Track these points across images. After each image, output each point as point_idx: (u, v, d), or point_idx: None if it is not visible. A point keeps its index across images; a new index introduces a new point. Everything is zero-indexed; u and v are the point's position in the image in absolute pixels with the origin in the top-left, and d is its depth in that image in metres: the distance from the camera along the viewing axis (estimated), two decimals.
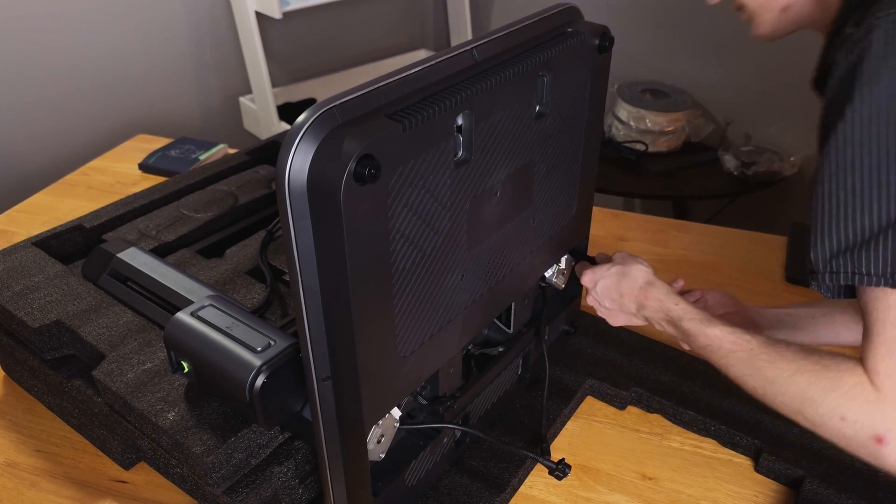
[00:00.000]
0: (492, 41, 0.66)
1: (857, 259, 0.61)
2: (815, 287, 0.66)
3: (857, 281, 0.61)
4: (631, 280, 0.82)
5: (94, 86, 1.89)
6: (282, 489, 0.73)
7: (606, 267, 0.85)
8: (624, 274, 0.83)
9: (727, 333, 0.72)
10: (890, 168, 0.58)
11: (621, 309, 0.84)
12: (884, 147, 0.59)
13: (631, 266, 0.83)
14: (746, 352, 0.69)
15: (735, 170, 1.97)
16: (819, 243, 0.63)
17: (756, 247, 1.24)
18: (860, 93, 0.59)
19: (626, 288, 0.82)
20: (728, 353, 0.71)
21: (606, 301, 0.85)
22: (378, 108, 0.55)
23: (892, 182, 0.58)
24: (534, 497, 0.82)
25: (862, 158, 0.60)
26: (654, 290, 0.80)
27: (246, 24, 2.00)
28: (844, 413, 0.62)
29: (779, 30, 0.81)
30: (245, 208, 1.08)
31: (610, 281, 0.83)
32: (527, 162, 0.72)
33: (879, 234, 0.59)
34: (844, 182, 0.61)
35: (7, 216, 1.36)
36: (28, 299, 0.85)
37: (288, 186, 0.51)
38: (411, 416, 0.77)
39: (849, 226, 0.61)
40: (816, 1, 0.76)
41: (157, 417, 0.71)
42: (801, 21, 0.79)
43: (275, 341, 0.68)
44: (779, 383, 0.66)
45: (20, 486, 0.83)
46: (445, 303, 0.67)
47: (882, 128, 0.58)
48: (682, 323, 0.75)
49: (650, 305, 0.80)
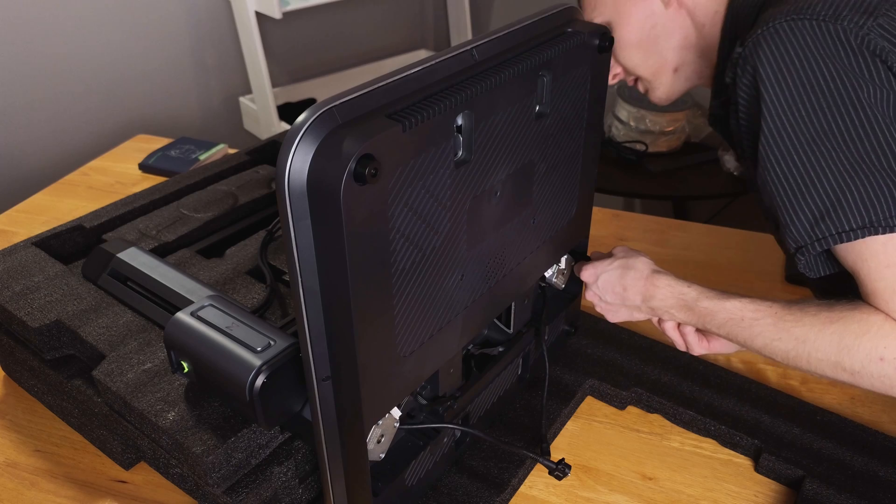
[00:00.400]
0: (492, 41, 0.66)
1: (834, 220, 0.66)
2: (803, 266, 0.70)
3: (843, 239, 0.65)
4: (635, 272, 0.81)
5: (94, 86, 1.89)
6: (282, 489, 0.73)
7: (608, 261, 0.85)
8: (628, 266, 0.82)
9: (746, 303, 0.72)
10: (825, 137, 0.66)
11: (623, 303, 0.83)
12: (809, 122, 0.67)
13: (634, 258, 0.83)
14: (770, 316, 0.70)
15: (735, 170, 1.97)
16: (795, 222, 0.68)
17: (756, 247, 1.24)
18: (769, 90, 0.69)
19: (630, 280, 0.82)
20: (752, 322, 0.71)
21: (608, 295, 0.84)
22: (378, 108, 0.55)
23: (831, 147, 0.66)
24: (534, 497, 0.82)
25: (798, 137, 0.68)
26: (662, 277, 0.80)
27: (246, 24, 2.00)
28: (882, 353, 0.64)
29: (674, 91, 0.93)
30: (245, 208, 1.08)
31: (613, 274, 0.83)
32: (527, 162, 0.72)
33: (841, 192, 0.65)
34: (792, 161, 0.68)
35: (7, 216, 1.36)
36: (28, 299, 0.85)
37: (288, 186, 0.51)
38: (411, 416, 0.77)
39: (813, 195, 0.67)
40: (699, 55, 0.88)
41: (157, 417, 0.71)
42: (692, 77, 0.91)
43: (275, 341, 0.68)
44: (811, 339, 0.67)
45: (20, 486, 0.83)
46: (445, 303, 0.67)
47: (801, 107, 0.67)
48: (699, 303, 0.75)
49: (659, 294, 0.79)
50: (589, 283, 0.86)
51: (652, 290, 0.80)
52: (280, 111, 2.15)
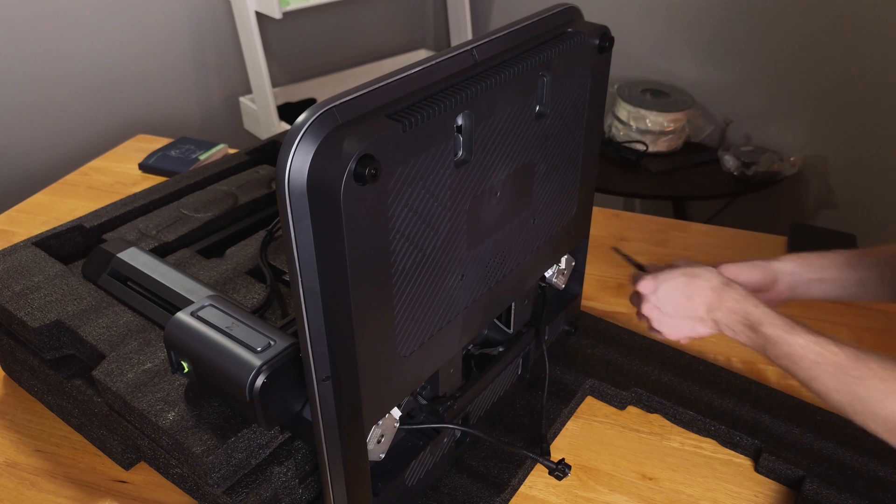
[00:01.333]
0: (492, 41, 0.66)
1: None
2: None
3: None
4: (703, 280, 0.77)
5: (94, 86, 1.89)
6: (282, 489, 0.73)
7: (670, 271, 0.80)
8: (694, 275, 0.78)
9: (812, 343, 0.67)
10: None
11: (687, 314, 0.78)
12: None
13: (700, 268, 0.78)
14: (833, 365, 0.65)
15: (735, 170, 1.97)
16: None
17: (756, 247, 1.24)
18: None
19: (696, 289, 0.77)
20: (813, 364, 0.66)
21: (670, 307, 0.79)
22: (378, 108, 0.55)
23: None
24: (534, 497, 0.82)
25: None
26: (731, 290, 0.75)
27: (246, 24, 2.00)
28: None
29: None
30: (245, 208, 1.08)
31: (677, 282, 0.78)
32: (527, 162, 0.72)
33: None
34: None
35: (7, 216, 1.36)
36: (28, 299, 0.85)
37: (288, 186, 0.51)
38: (411, 416, 0.77)
39: None
40: None
41: (157, 417, 0.71)
42: None
43: (275, 341, 0.68)
44: (871, 403, 0.63)
45: (20, 486, 0.83)
46: (445, 303, 0.67)
47: None
48: (762, 328, 0.71)
49: (726, 306, 0.74)
50: (647, 293, 0.80)
51: (718, 303, 0.75)
52: (280, 111, 2.15)
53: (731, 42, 2.09)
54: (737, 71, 2.11)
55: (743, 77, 2.10)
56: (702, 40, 2.13)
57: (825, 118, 2.01)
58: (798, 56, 1.99)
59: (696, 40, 2.14)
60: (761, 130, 2.12)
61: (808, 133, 2.05)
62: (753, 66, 2.07)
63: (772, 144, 2.08)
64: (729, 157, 1.99)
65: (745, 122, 2.14)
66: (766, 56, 2.04)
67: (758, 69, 2.07)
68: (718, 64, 2.13)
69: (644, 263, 0.89)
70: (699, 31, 2.13)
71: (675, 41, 2.18)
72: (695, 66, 2.17)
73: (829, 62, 1.94)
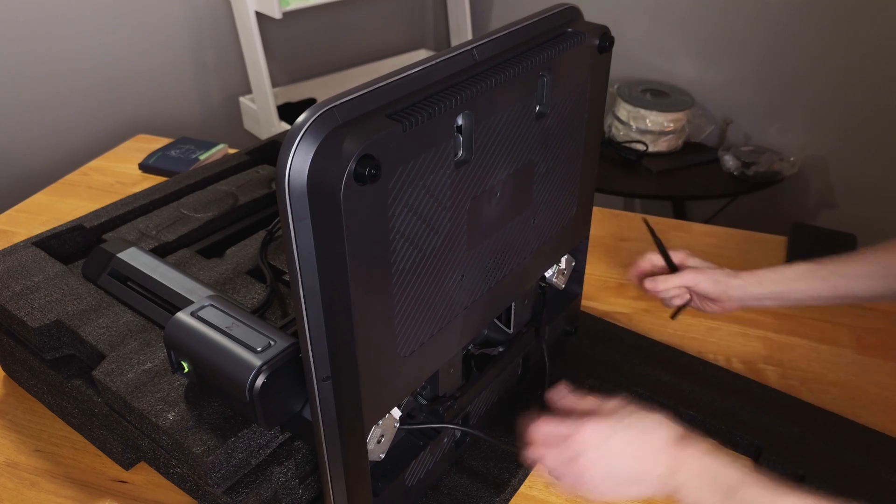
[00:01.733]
0: (492, 41, 0.66)
1: None
2: None
3: None
4: (656, 435, 0.63)
5: (94, 86, 1.89)
6: (282, 489, 0.73)
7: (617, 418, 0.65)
8: (643, 428, 0.64)
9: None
10: None
11: (628, 479, 0.63)
12: None
13: (646, 418, 0.65)
14: None
15: (735, 170, 1.97)
16: None
17: (756, 247, 1.24)
18: None
19: (650, 444, 0.63)
20: None
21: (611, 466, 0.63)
22: (378, 108, 0.55)
23: None
24: (534, 497, 0.82)
25: None
26: (693, 444, 0.62)
27: (246, 24, 2.00)
28: None
29: None
30: (245, 208, 1.08)
31: (623, 436, 0.63)
32: (527, 162, 0.72)
33: None
34: None
35: (7, 216, 1.36)
36: (28, 299, 0.85)
37: (288, 186, 0.51)
38: (411, 416, 0.77)
39: None
40: None
41: (157, 417, 0.71)
42: None
43: (275, 341, 0.68)
44: None
45: (20, 486, 0.83)
46: (445, 303, 0.67)
47: None
48: (741, 492, 0.59)
49: (686, 467, 0.61)
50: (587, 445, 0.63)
51: (678, 462, 0.61)
52: (280, 111, 2.15)
53: (730, 42, 2.09)
54: (737, 71, 2.11)
55: (743, 77, 2.10)
56: (702, 40, 2.14)
57: (825, 118, 2.01)
58: (798, 56, 1.99)
59: (695, 40, 2.15)
60: (761, 130, 2.13)
61: (808, 133, 2.05)
62: (753, 65, 2.08)
63: (772, 144, 2.09)
64: (729, 156, 1.99)
65: (745, 122, 2.14)
66: (766, 56, 2.04)
67: (758, 69, 2.07)
68: (718, 64, 2.13)
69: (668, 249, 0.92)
70: (699, 31, 2.13)
71: (675, 41, 2.18)
72: (694, 66, 2.17)
73: (828, 62, 1.94)
